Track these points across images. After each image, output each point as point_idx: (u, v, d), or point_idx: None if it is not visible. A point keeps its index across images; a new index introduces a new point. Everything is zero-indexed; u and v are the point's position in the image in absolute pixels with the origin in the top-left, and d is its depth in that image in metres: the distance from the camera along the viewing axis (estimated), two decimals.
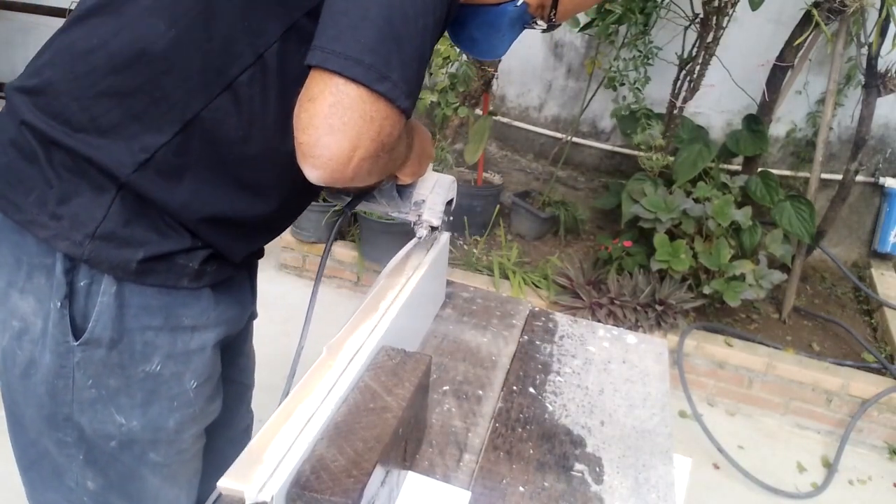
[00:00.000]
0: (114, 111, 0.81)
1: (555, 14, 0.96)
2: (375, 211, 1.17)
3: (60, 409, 0.89)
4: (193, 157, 0.83)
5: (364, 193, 1.08)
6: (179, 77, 0.80)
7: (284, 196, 0.92)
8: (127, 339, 0.87)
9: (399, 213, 1.11)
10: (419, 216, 1.10)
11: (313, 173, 0.74)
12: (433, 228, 1.12)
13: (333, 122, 0.71)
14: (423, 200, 1.10)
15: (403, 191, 1.09)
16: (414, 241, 1.11)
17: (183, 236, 0.86)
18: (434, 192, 1.10)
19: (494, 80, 3.21)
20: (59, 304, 0.84)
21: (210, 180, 0.86)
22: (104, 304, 0.84)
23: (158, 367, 0.90)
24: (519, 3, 0.93)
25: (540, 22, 0.98)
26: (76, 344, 0.85)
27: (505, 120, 3.75)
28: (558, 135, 3.67)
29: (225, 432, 1.17)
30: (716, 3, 2.73)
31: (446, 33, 1.01)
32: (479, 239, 3.39)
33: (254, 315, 1.19)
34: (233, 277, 0.98)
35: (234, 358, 1.16)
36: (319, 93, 0.72)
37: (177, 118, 0.81)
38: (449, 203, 1.15)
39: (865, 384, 2.62)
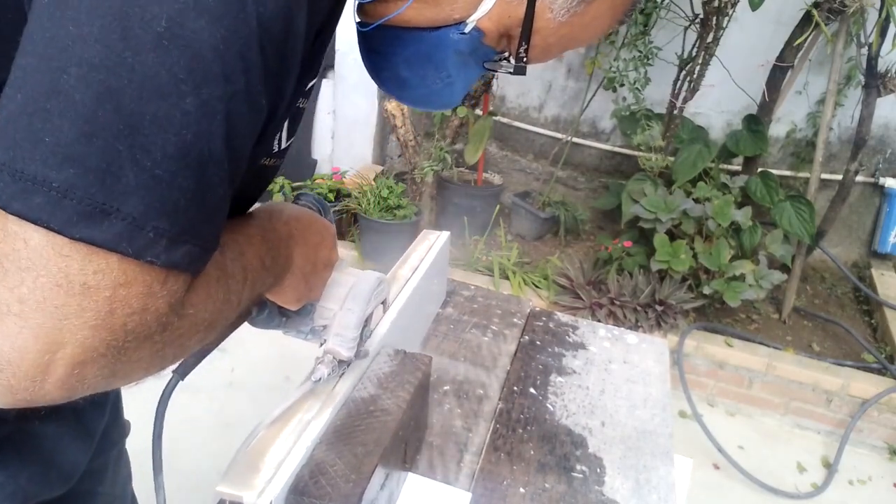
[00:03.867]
0: None
1: (526, 50, 0.64)
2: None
3: None
4: None
5: (208, 347, 0.67)
6: None
7: None
8: None
9: (298, 335, 0.79)
10: (322, 342, 0.76)
11: None
12: (342, 361, 0.78)
13: (3, 299, 0.40)
14: (325, 326, 0.76)
15: (300, 309, 0.74)
16: (307, 385, 0.77)
17: None
18: (345, 307, 0.75)
19: (494, 80, 3.21)
20: None
21: None
22: None
23: None
24: (467, 29, 0.62)
25: (507, 62, 0.67)
26: None
27: (505, 120, 3.75)
28: (558, 135, 3.67)
29: None
30: (716, 3, 2.73)
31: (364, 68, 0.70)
32: (479, 239, 3.39)
33: (124, 432, 0.93)
34: (23, 430, 0.68)
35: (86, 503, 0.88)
36: None
37: None
38: (383, 303, 0.84)
39: (865, 384, 2.61)
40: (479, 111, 3.34)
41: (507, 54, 0.67)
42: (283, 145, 0.62)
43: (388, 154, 3.97)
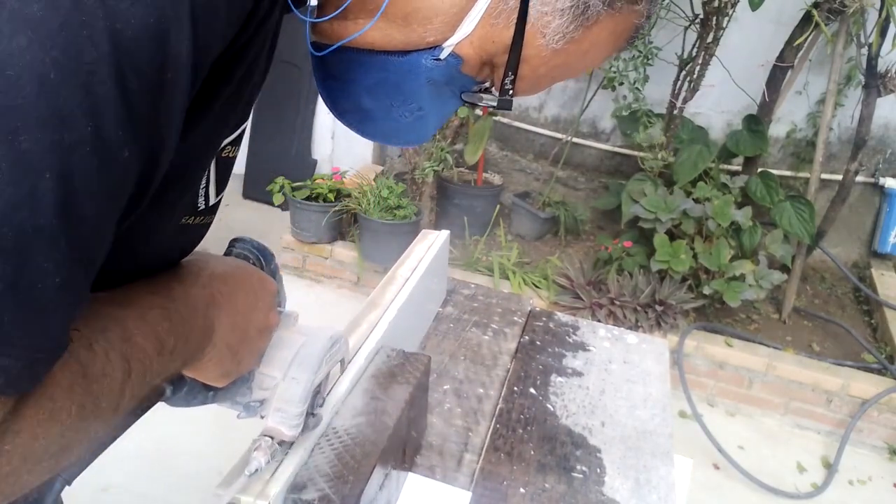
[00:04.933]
0: None
1: (513, 81, 0.55)
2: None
3: None
4: None
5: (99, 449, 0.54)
6: None
7: None
8: None
9: (233, 407, 0.64)
10: (262, 417, 0.63)
11: None
12: (285, 442, 0.65)
13: None
14: (261, 402, 0.63)
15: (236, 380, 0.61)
16: (242, 481, 0.63)
17: None
18: (290, 376, 0.62)
19: None
20: None
21: None
22: None
23: None
24: (443, 55, 0.53)
25: (489, 94, 0.58)
26: None
27: (505, 120, 3.75)
28: (558, 135, 3.67)
29: None
30: (716, 4, 2.73)
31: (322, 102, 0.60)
32: (479, 239, 3.39)
33: None
34: None
35: None
36: None
37: None
38: (342, 360, 0.71)
39: (865, 384, 2.61)
40: (479, 111, 3.34)
41: (487, 85, 0.58)
42: (213, 201, 0.53)
43: (388, 154, 3.97)
